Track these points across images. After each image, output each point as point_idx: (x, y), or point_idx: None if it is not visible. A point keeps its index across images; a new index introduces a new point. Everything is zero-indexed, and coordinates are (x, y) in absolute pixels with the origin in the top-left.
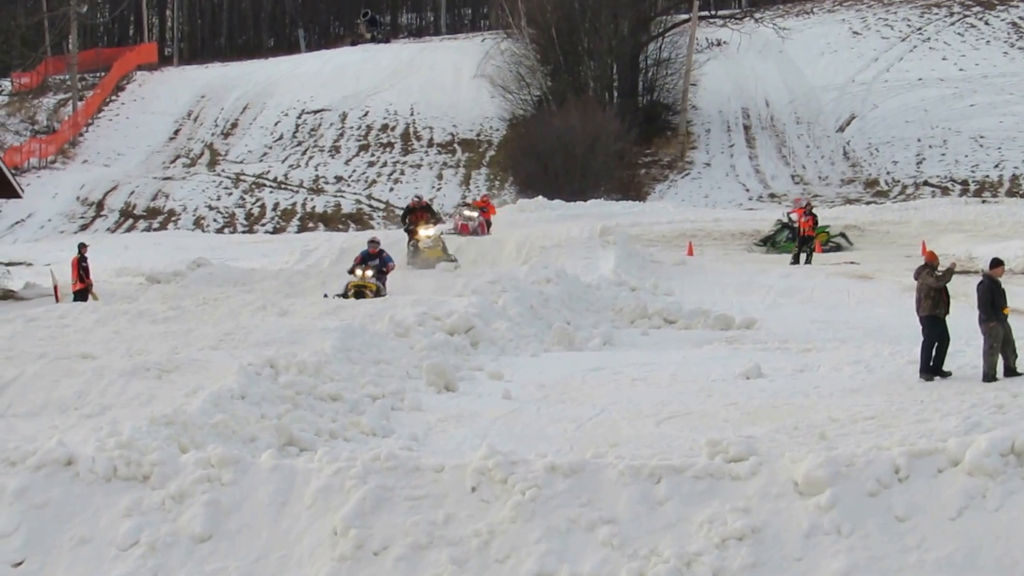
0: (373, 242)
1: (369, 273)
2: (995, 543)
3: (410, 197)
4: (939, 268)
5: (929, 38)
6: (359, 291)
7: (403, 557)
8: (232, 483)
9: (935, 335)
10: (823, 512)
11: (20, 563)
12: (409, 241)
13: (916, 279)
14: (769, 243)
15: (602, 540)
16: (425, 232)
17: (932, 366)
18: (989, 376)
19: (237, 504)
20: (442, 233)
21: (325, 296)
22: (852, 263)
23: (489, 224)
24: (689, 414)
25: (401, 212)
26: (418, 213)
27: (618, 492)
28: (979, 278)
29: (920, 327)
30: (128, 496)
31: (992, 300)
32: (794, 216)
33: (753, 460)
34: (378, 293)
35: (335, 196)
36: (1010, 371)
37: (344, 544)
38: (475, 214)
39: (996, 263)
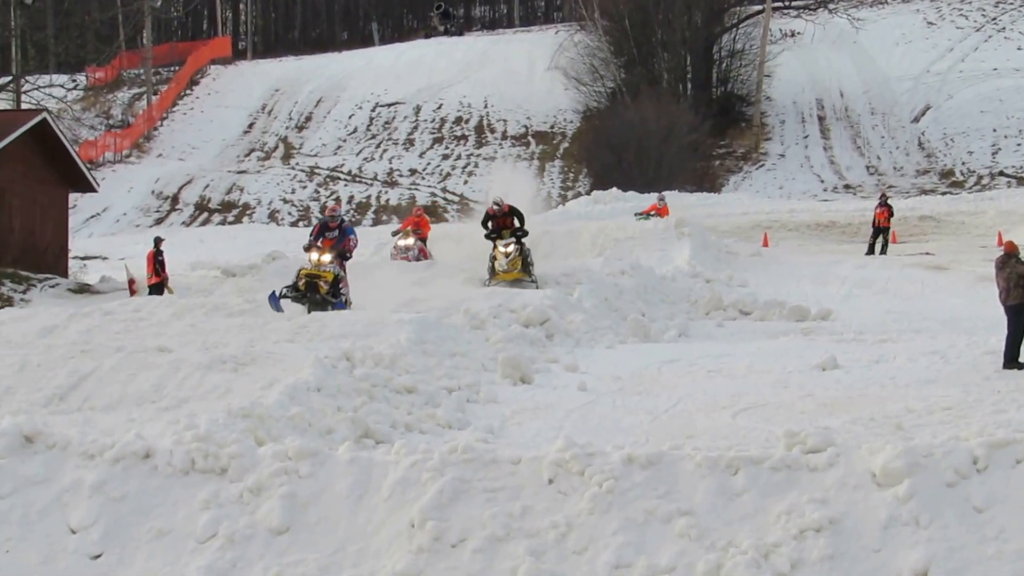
0: (332, 213)
1: (326, 258)
2: None
3: (487, 195)
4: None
5: (1004, 28)
6: (311, 282)
7: (480, 549)
8: (309, 476)
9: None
10: (901, 503)
11: (99, 556)
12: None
13: (999, 269)
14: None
15: (679, 532)
16: (504, 249)
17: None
18: None
19: (314, 496)
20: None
21: (275, 294)
22: (927, 254)
23: (424, 240)
24: (765, 405)
25: (482, 216)
26: (499, 220)
27: (695, 483)
28: None
29: (1005, 317)
30: (206, 489)
31: None
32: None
33: (831, 451)
34: (334, 286)
35: (409, 189)
36: None
37: (421, 536)
38: (411, 241)
39: None
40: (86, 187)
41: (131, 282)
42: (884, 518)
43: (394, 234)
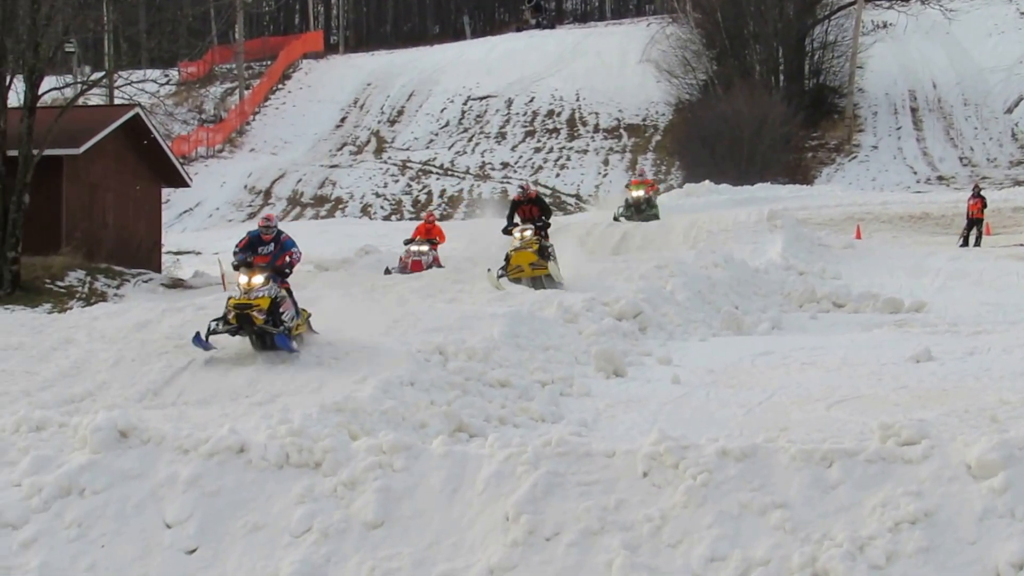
0: (266, 223)
1: (258, 280)
2: None
3: (578, 189)
4: None
5: None
6: (242, 314)
7: (575, 543)
8: (404, 469)
9: None
10: (997, 495)
11: (194, 550)
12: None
13: None
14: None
15: (774, 524)
16: (520, 234)
17: None
18: None
19: (409, 490)
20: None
21: (199, 335)
22: (1022, 245)
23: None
24: (859, 398)
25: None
26: (524, 208)
27: (790, 476)
28: None
29: None
30: (300, 483)
31: None
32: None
33: (925, 443)
34: (273, 313)
35: (501, 182)
36: None
37: (516, 530)
38: (425, 248)
39: None
40: (179, 182)
41: (224, 277)
42: (979, 510)
43: (407, 242)
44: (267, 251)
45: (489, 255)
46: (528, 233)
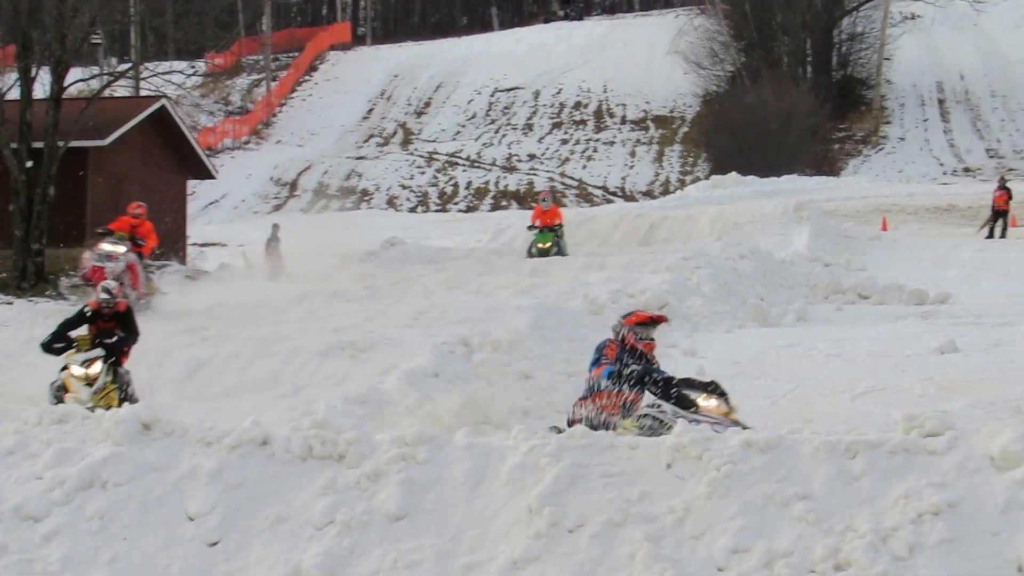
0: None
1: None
2: None
3: (605, 181)
4: None
5: None
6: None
7: (598, 534)
8: (427, 461)
9: None
10: (1020, 486)
11: (216, 543)
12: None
13: None
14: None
15: (797, 516)
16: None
17: None
18: None
19: (432, 483)
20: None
21: None
22: None
23: (142, 256)
24: (884, 389)
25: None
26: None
27: (814, 468)
28: None
29: None
30: (324, 475)
31: None
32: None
33: (949, 435)
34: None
35: (528, 174)
36: None
37: (539, 522)
38: (120, 249)
39: None
40: (205, 174)
41: (251, 270)
42: (1003, 502)
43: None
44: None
45: (515, 247)
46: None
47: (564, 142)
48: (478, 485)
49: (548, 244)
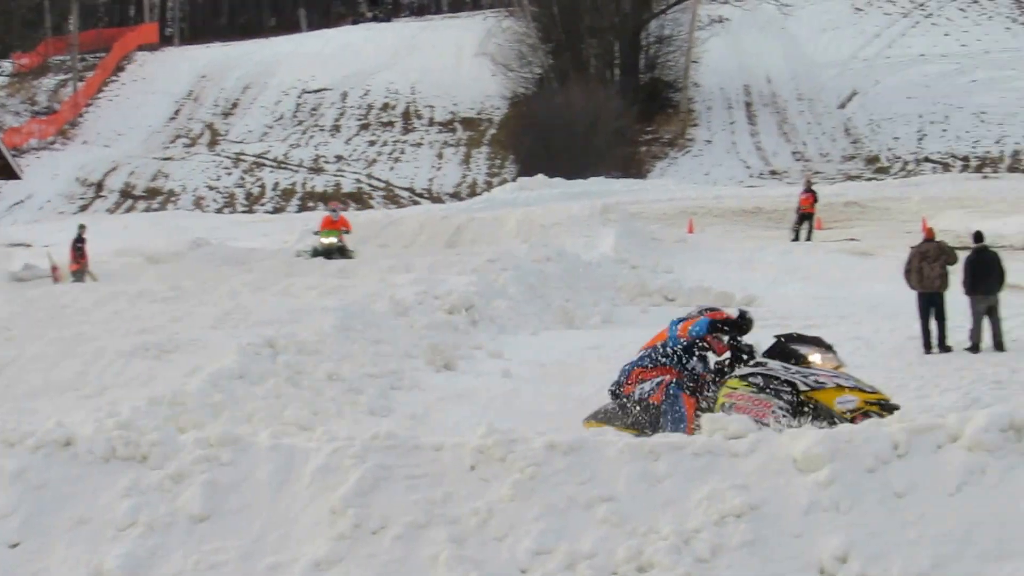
0: None
1: None
2: (994, 518)
3: (412, 182)
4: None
5: (931, 14)
6: None
7: (401, 536)
8: (231, 463)
9: (942, 310)
10: (822, 488)
11: (17, 545)
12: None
13: (930, 258)
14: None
15: (601, 518)
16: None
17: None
18: (974, 348)
19: (236, 484)
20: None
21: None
22: (852, 240)
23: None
24: None
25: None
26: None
27: (617, 470)
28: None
29: (923, 304)
30: (126, 476)
31: (973, 274)
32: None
33: (752, 437)
34: None
35: (335, 175)
36: (998, 345)
37: (342, 523)
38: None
39: (977, 237)
40: (9, 174)
41: (54, 269)
42: (805, 504)
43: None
44: None
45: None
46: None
47: (372, 143)
48: (282, 486)
49: (332, 241)
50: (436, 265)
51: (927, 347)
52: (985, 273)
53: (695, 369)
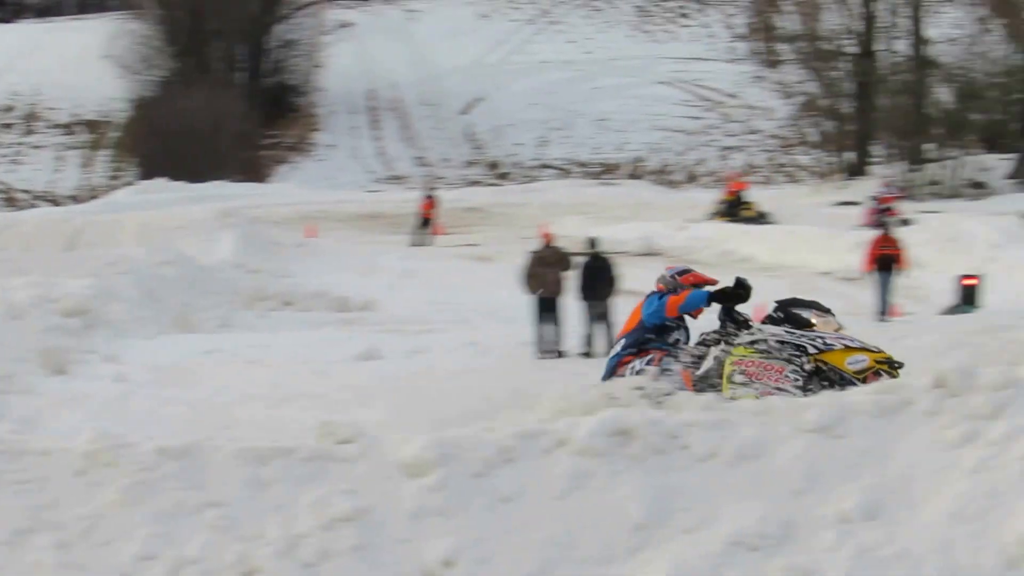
0: None
1: None
2: (600, 521)
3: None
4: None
5: (556, 21)
6: None
7: (5, 542)
8: None
9: (558, 315)
10: (430, 494)
11: None
12: None
13: (541, 262)
14: None
15: (209, 523)
16: None
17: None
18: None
19: None
20: None
21: None
22: (472, 245)
23: None
24: (303, 396)
25: None
26: None
27: (227, 474)
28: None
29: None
30: None
31: (585, 280)
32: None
33: (361, 442)
34: None
35: None
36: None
37: None
38: None
39: (591, 243)
40: None
41: None
42: (413, 508)
43: None
44: None
45: None
46: None
47: None
48: None
49: None
50: (53, 268)
51: (540, 351)
52: (597, 279)
53: (679, 341)
